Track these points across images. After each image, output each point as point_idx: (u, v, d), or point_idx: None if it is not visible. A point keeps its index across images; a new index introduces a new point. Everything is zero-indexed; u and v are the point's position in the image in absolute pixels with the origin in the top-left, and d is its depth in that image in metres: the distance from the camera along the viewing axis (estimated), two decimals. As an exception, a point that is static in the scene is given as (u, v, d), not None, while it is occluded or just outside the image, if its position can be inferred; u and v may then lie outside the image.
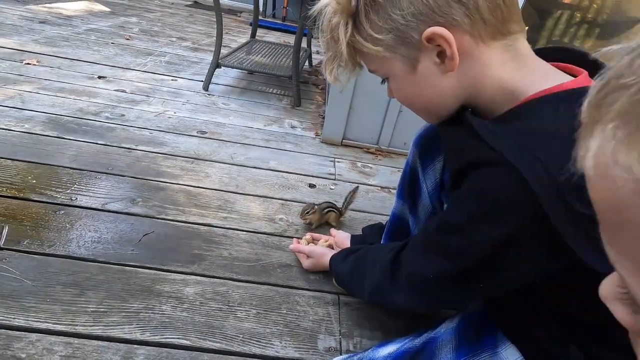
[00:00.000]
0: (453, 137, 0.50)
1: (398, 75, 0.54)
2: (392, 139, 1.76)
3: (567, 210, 0.38)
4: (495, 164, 0.41)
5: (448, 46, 0.48)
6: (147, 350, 0.74)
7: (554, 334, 0.51)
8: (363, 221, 1.25)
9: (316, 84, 2.65)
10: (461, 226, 0.48)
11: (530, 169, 0.39)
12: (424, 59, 0.51)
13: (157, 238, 1.02)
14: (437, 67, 0.50)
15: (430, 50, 0.49)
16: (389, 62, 0.53)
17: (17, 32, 2.53)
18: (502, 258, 0.46)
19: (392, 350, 0.65)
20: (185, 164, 1.39)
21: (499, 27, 0.48)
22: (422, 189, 0.77)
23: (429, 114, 0.59)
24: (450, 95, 0.53)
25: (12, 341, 0.71)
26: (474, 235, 0.46)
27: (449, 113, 0.56)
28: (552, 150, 0.40)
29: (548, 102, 0.45)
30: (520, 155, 0.40)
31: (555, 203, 0.38)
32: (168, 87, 2.10)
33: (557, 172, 0.38)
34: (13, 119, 1.46)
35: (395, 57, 0.52)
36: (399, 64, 0.52)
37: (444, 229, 0.52)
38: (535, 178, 0.39)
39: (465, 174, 0.45)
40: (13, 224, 0.97)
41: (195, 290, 0.89)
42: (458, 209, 0.49)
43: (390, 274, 0.64)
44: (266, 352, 0.79)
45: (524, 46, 0.50)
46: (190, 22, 4.03)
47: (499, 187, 0.42)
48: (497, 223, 0.43)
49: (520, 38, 0.49)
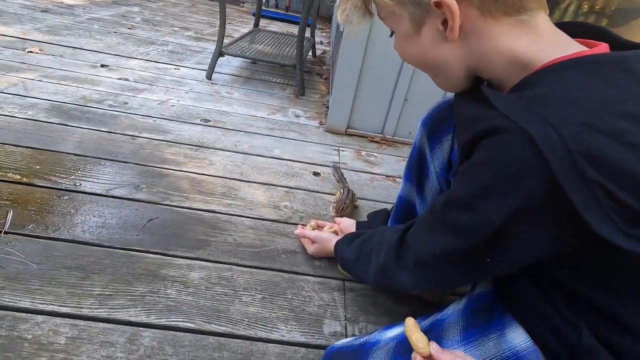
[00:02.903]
0: (467, 108, 0.49)
1: (402, 33, 0.55)
2: (397, 128, 1.74)
3: (580, 178, 0.37)
4: (508, 131, 0.40)
5: (451, 17, 0.48)
6: (152, 333, 0.74)
7: (565, 314, 0.50)
8: (368, 209, 1.25)
9: (320, 73, 2.63)
10: (470, 199, 0.46)
11: (544, 134, 0.38)
12: (429, 22, 0.51)
13: (161, 224, 1.02)
14: (440, 34, 0.51)
15: (436, 16, 0.50)
16: (396, 17, 0.54)
17: (19, 20, 2.51)
18: (513, 232, 0.45)
19: (398, 333, 0.64)
20: (189, 151, 1.38)
21: (512, 4, 0.47)
22: (430, 170, 0.76)
23: (436, 78, 0.59)
24: (455, 64, 0.53)
25: (18, 322, 0.71)
26: (483, 207, 0.45)
27: (459, 81, 0.55)
28: (565, 116, 0.39)
29: (560, 69, 0.44)
30: (533, 121, 0.39)
31: (568, 170, 0.37)
32: (171, 75, 2.08)
33: (571, 139, 0.37)
34: (16, 105, 1.46)
35: (403, 15, 0.53)
36: (406, 22, 0.53)
37: (451, 203, 0.51)
38: (548, 144, 0.38)
39: (476, 145, 0.44)
40: (17, 208, 0.97)
41: (200, 275, 0.89)
42: (467, 181, 0.47)
43: (396, 253, 0.64)
44: (272, 336, 0.79)
45: (543, 21, 0.48)
46: (192, 12, 4.00)
47: (511, 154, 0.41)
48: (509, 192, 0.42)
49: (540, 13, 0.48)
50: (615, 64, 0.44)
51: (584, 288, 0.49)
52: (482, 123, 0.44)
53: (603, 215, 0.38)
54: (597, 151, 0.37)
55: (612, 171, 0.37)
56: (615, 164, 0.37)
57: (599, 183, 0.37)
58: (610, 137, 0.38)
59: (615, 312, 0.48)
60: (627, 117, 0.39)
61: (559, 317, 0.51)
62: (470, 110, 0.48)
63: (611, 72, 0.43)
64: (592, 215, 0.38)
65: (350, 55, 1.59)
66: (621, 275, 0.46)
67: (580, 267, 0.48)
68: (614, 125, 0.38)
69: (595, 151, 0.37)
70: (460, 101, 0.55)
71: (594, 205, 0.38)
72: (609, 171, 0.37)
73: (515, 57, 0.48)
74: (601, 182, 0.37)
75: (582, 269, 0.48)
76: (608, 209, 0.38)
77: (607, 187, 0.37)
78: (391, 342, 0.63)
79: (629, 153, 0.37)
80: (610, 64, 0.44)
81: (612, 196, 0.38)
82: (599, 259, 0.45)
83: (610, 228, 0.38)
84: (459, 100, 0.56)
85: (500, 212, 0.43)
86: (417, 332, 0.48)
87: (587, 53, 0.46)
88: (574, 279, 0.50)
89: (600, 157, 0.37)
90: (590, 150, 0.37)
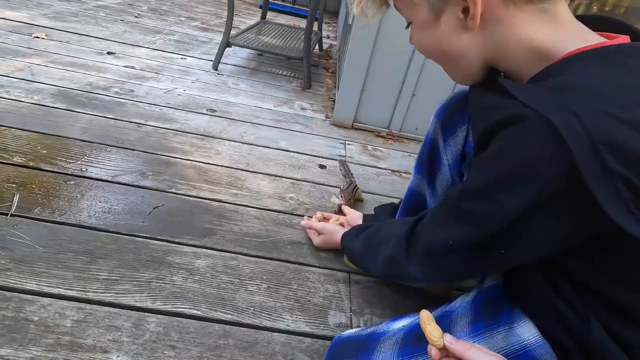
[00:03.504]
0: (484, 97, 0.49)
1: (420, 23, 0.54)
2: (403, 123, 1.73)
3: (601, 168, 0.36)
4: (527, 119, 0.40)
5: (473, 4, 0.47)
6: (158, 319, 0.74)
7: (576, 307, 0.49)
8: (374, 204, 1.24)
9: (326, 67, 2.62)
10: (487, 189, 0.46)
11: (566, 122, 0.37)
12: (449, 11, 0.50)
13: (167, 211, 1.02)
14: (460, 23, 0.50)
15: (456, 4, 0.49)
16: (415, 7, 0.53)
17: (26, 5, 2.50)
18: (529, 223, 0.44)
19: (405, 324, 0.64)
20: (195, 140, 1.38)
21: None
22: (442, 161, 0.75)
23: (451, 69, 0.58)
24: (473, 54, 0.52)
25: (24, 304, 0.71)
26: (500, 197, 0.44)
27: (475, 72, 0.55)
28: (587, 105, 0.38)
29: (582, 59, 0.44)
30: (556, 110, 0.38)
31: (590, 160, 0.36)
32: (177, 65, 2.07)
33: (594, 128, 0.37)
34: (23, 90, 1.45)
35: (422, 4, 0.52)
36: (425, 11, 0.52)
37: (466, 194, 0.50)
38: (571, 132, 0.37)
39: (494, 134, 0.44)
40: (24, 192, 0.97)
41: (206, 263, 0.89)
42: (484, 171, 0.46)
43: (405, 244, 0.63)
44: (277, 325, 0.78)
45: (564, 10, 0.48)
46: (199, 2, 3.97)
47: (532, 142, 0.40)
48: (528, 182, 0.41)
49: (561, 3, 0.48)
50: (637, 54, 0.43)
51: (597, 281, 0.49)
52: (501, 112, 0.43)
53: (623, 207, 0.37)
54: (620, 141, 0.37)
55: (635, 162, 0.37)
56: (638, 154, 0.37)
57: (620, 174, 0.37)
58: (633, 127, 0.37)
59: (627, 305, 0.47)
60: None
61: (570, 311, 0.50)
62: (487, 99, 0.48)
63: (634, 62, 0.42)
64: (612, 207, 0.37)
65: (359, 49, 1.58)
66: (636, 269, 0.46)
67: (595, 260, 0.47)
68: (636, 115, 0.38)
69: (617, 141, 0.37)
70: (477, 91, 0.54)
71: (615, 196, 0.37)
72: (632, 162, 0.37)
73: (535, 46, 0.48)
74: (623, 174, 0.37)
75: (597, 262, 0.47)
76: (629, 201, 0.37)
77: (630, 179, 0.37)
78: (399, 333, 0.63)
79: None
80: (632, 54, 0.43)
81: (634, 188, 0.37)
82: (614, 251, 0.45)
83: (631, 221, 0.38)
84: (474, 90, 0.55)
85: (518, 202, 0.43)
86: (432, 323, 0.47)
87: (609, 44, 0.45)
88: (587, 272, 0.49)
89: (623, 148, 0.37)
90: (612, 140, 0.37)
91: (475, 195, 0.48)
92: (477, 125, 0.50)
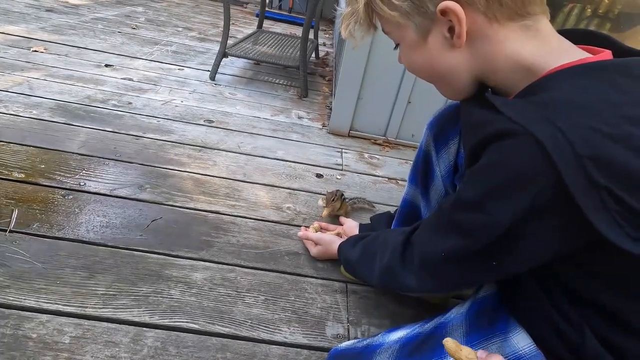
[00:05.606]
0: (474, 112, 0.50)
1: (409, 44, 0.55)
2: (399, 130, 1.75)
3: (587, 181, 0.37)
4: (516, 135, 0.41)
5: (458, 23, 0.48)
6: (156, 333, 0.75)
7: (570, 316, 0.50)
8: (370, 212, 1.25)
9: (323, 75, 2.63)
10: (478, 200, 0.47)
11: (552, 137, 0.38)
12: (435, 31, 0.51)
13: (165, 224, 1.02)
14: (447, 41, 0.51)
15: (442, 23, 0.50)
16: (402, 29, 0.54)
17: (24, 19, 2.52)
18: (520, 233, 0.45)
19: (401, 335, 0.65)
20: (192, 152, 1.39)
21: (516, 9, 0.48)
22: (435, 173, 0.76)
23: (442, 86, 0.59)
24: (462, 71, 0.53)
25: (22, 321, 0.72)
26: (492, 209, 0.45)
27: (465, 88, 0.55)
28: (571, 120, 0.39)
29: (566, 75, 0.45)
30: (541, 125, 0.40)
31: (576, 173, 0.38)
32: (175, 76, 2.09)
33: (578, 143, 0.38)
34: (22, 105, 1.46)
35: (409, 25, 0.53)
36: (412, 32, 0.53)
37: (459, 205, 0.51)
38: (556, 147, 0.38)
39: (484, 148, 0.45)
40: (22, 207, 0.97)
41: (203, 276, 0.89)
42: (475, 183, 0.47)
43: (401, 254, 0.64)
44: (274, 338, 0.79)
45: (546, 26, 0.49)
46: (196, 12, 4.01)
47: (520, 157, 0.41)
48: (518, 194, 0.42)
49: (543, 19, 0.49)
50: (620, 69, 0.44)
51: (590, 290, 0.49)
52: (490, 127, 0.44)
53: (609, 218, 0.38)
54: (605, 155, 0.38)
55: (619, 175, 0.38)
56: (622, 168, 0.38)
57: (606, 187, 0.38)
58: (617, 141, 0.38)
59: (620, 314, 0.48)
60: (633, 122, 0.39)
61: (564, 320, 0.51)
62: (477, 114, 0.49)
63: (617, 77, 0.43)
64: (598, 218, 0.38)
65: (354, 57, 1.60)
66: (627, 277, 0.46)
67: (587, 269, 0.48)
68: (621, 130, 0.39)
69: (602, 155, 0.38)
70: (467, 106, 0.55)
71: (601, 208, 0.38)
72: (616, 175, 0.38)
73: (521, 62, 0.49)
74: (608, 186, 0.38)
75: (589, 271, 0.48)
76: (614, 213, 0.38)
77: (614, 191, 0.38)
78: (395, 345, 0.63)
79: (635, 157, 0.38)
80: (615, 69, 0.44)
81: (619, 200, 0.38)
82: (605, 261, 0.46)
83: (616, 231, 0.39)
84: (465, 105, 0.56)
85: (509, 213, 0.44)
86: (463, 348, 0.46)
87: (592, 59, 0.47)
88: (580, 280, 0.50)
89: (608, 161, 0.38)
90: (597, 154, 0.38)
91: (468, 206, 0.49)
92: (468, 139, 0.51)
